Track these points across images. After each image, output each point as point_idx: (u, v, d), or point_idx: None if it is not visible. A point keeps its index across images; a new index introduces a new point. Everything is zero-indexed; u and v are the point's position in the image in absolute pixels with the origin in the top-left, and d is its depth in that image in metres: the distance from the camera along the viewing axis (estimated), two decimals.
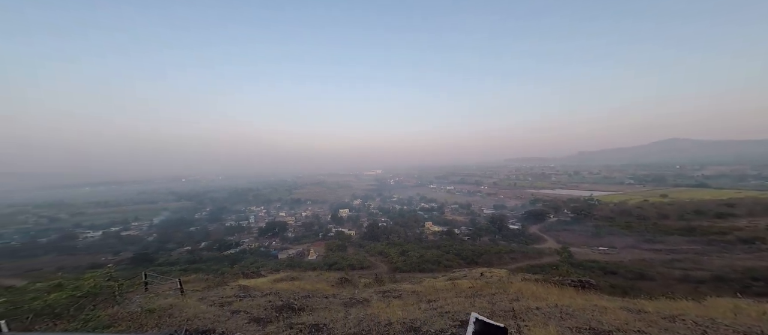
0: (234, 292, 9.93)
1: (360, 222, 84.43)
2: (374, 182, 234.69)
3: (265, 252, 54.27)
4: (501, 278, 12.26)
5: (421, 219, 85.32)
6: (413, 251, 44.13)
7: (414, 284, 12.60)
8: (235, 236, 69.37)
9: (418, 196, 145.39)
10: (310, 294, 9.67)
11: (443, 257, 40.39)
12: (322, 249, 53.17)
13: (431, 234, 68.92)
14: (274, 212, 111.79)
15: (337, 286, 13.31)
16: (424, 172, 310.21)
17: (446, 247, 46.85)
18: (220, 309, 7.05)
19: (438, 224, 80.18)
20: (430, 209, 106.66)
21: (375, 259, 43.18)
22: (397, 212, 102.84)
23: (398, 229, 69.89)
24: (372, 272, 31.13)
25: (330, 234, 69.56)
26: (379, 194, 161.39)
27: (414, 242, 54.76)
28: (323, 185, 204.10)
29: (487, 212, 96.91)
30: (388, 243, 54.31)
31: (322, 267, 26.36)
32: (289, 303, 7.56)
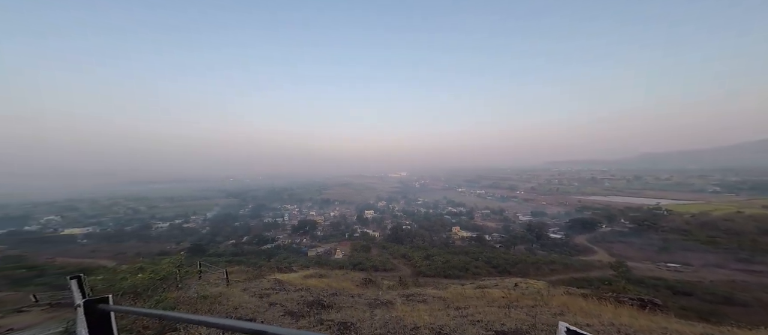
0: (270, 285, 10.73)
1: (384, 224, 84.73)
2: (398, 184, 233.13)
3: (296, 249, 57.17)
4: (539, 290, 11.30)
5: (447, 224, 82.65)
6: (438, 256, 42.75)
7: (439, 289, 12.36)
8: (271, 232, 74.37)
9: (444, 199, 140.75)
10: (337, 292, 10.09)
11: (471, 264, 38.49)
12: (348, 249, 54.36)
13: (459, 239, 66.33)
14: (306, 211, 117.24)
15: (361, 286, 13.61)
16: (451, 175, 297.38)
17: (475, 254, 44.67)
18: (259, 300, 7.70)
19: (466, 229, 76.89)
20: (458, 214, 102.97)
21: (398, 261, 42.90)
22: (422, 215, 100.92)
23: (423, 232, 68.50)
24: (395, 274, 31.05)
25: (355, 235, 70.96)
26: (403, 196, 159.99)
27: (439, 247, 53.04)
28: (350, 186, 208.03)
29: (523, 218, 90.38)
30: (412, 246, 53.39)
31: (348, 267, 27.08)
32: (319, 300, 7.99)
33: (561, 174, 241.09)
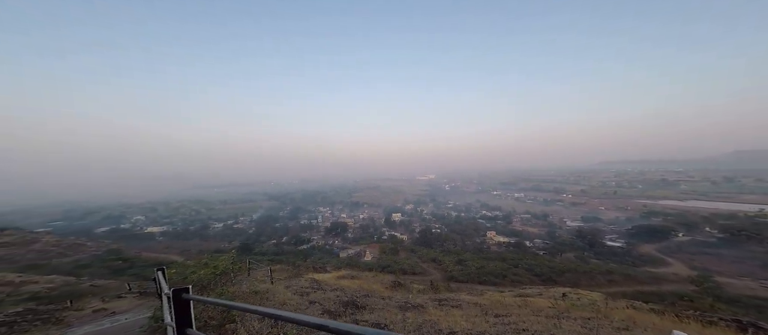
0: (308, 284, 11.31)
1: (412, 227, 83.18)
2: (427, 186, 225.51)
3: (328, 250, 58.97)
4: (595, 301, 10.35)
5: (481, 228, 78.34)
6: (472, 261, 40.46)
7: (474, 295, 11.82)
8: (307, 233, 78.21)
9: (478, 203, 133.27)
10: (369, 294, 10.26)
11: (510, 270, 35.79)
12: (377, 251, 54.62)
13: (494, 245, 62.45)
14: (337, 213, 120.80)
15: (390, 289, 13.60)
16: (484, 177, 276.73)
17: (514, 260, 41.47)
18: (300, 298, 8.18)
19: (503, 234, 71.73)
20: (494, 218, 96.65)
21: (427, 266, 41.77)
22: (453, 218, 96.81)
23: (454, 237, 65.77)
24: (424, 278, 30.28)
25: (383, 237, 70.77)
26: (432, 199, 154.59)
27: (472, 252, 50.19)
28: (378, 189, 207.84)
29: (571, 224, 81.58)
30: (443, 251, 51.40)
31: (377, 269, 27.19)
32: (353, 300, 8.22)
33: (620, 176, 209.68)
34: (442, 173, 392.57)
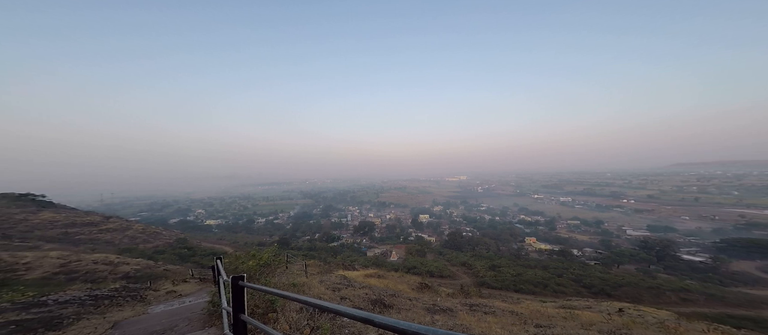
0: (339, 280, 11.60)
1: (441, 229, 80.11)
2: (458, 188, 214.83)
3: (357, 248, 59.73)
4: (663, 321, 8.99)
5: (519, 233, 72.15)
6: (507, 267, 37.69)
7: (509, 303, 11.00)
8: (337, 231, 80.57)
9: (516, 206, 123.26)
10: (395, 294, 10.15)
11: (552, 280, 32.55)
12: (403, 252, 53.96)
13: (534, 252, 57.40)
14: (365, 213, 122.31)
15: (417, 290, 13.30)
16: (524, 180, 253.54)
17: (557, 269, 37.77)
18: (333, 293, 8.42)
19: (545, 241, 65.44)
20: (534, 223, 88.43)
21: (457, 269, 39.92)
22: (486, 222, 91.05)
23: (487, 241, 61.47)
24: (453, 282, 29.01)
25: (410, 238, 69.54)
26: (463, 201, 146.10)
27: (508, 258, 46.67)
28: (404, 190, 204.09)
29: (633, 233, 70.99)
30: (474, 255, 48.65)
31: (403, 269, 26.83)
32: (381, 299, 8.21)
33: (702, 179, 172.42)
34: (474, 174, 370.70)
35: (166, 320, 4.58)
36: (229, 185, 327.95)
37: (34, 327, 4.11)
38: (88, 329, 4.19)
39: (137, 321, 4.64)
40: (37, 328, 4.06)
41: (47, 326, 4.20)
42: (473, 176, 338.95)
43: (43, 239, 22.58)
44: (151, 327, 4.24)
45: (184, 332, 3.90)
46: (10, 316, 4.62)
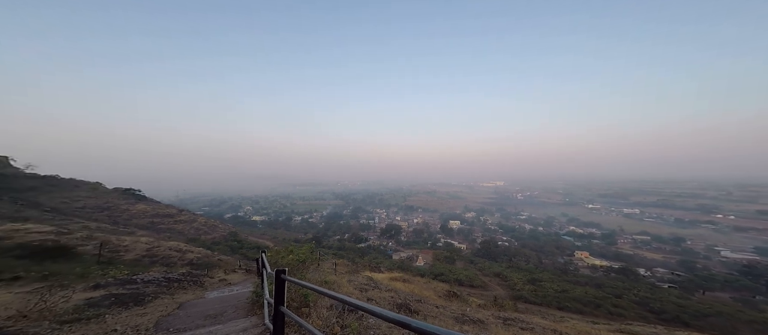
0: (365, 281, 11.68)
1: (473, 237, 75.72)
2: (493, 194, 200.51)
3: (383, 251, 59.58)
4: None
5: (567, 246, 64.66)
6: (550, 282, 33.80)
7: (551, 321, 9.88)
8: (365, 232, 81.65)
9: (563, 217, 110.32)
10: (421, 300, 9.85)
11: (607, 299, 28.00)
12: (430, 258, 52.16)
13: (586, 267, 50.84)
14: (392, 216, 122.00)
15: (444, 298, 12.71)
16: (574, 187, 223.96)
17: (616, 288, 32.62)
18: (360, 293, 8.52)
19: (601, 256, 57.51)
20: (587, 236, 78.21)
21: (489, 280, 37.11)
22: (526, 232, 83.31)
23: (526, 252, 56.13)
24: (485, 293, 26.98)
25: (438, 244, 66.97)
26: (499, 208, 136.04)
27: (552, 272, 42.14)
28: (434, 194, 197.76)
29: (731, 255, 59.26)
30: (510, 266, 44.74)
31: (429, 275, 25.84)
32: (406, 303, 8.03)
33: None
34: (512, 180, 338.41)
35: (218, 305, 5.17)
36: (272, 185, 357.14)
37: (126, 300, 5.03)
38: (161, 306, 4.97)
39: (196, 304, 5.33)
40: (128, 302, 4.96)
41: (135, 301, 5.10)
42: (512, 181, 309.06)
43: (136, 227, 27.40)
44: (206, 310, 4.83)
45: (232, 318, 4.35)
46: (112, 290, 5.73)
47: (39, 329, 3.40)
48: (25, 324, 3.51)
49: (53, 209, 24.41)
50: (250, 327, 3.83)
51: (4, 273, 7.07)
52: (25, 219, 16.46)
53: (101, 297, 5.03)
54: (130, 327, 3.69)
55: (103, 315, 4.16)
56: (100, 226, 20.47)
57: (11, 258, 9.29)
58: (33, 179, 32.09)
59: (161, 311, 4.63)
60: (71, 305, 4.42)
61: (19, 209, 20.04)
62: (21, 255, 9.83)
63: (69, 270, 8.31)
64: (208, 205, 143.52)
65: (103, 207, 30.80)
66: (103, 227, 20.48)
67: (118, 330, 3.53)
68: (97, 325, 3.73)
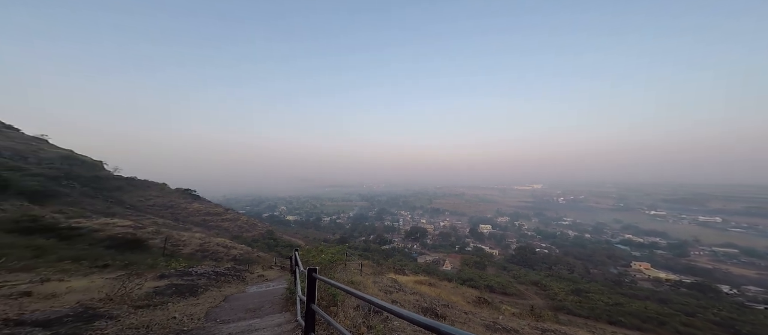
0: (390, 283, 11.60)
1: (506, 242, 71.15)
2: (530, 198, 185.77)
3: (407, 253, 58.77)
4: None
5: (622, 256, 58.01)
6: (598, 293, 30.36)
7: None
8: (389, 234, 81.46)
9: (617, 223, 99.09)
10: (449, 305, 9.44)
11: (674, 317, 24.28)
12: (458, 262, 49.95)
13: (646, 280, 44.88)
14: (417, 219, 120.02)
15: (474, 304, 12.01)
16: (629, 191, 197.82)
17: (687, 305, 28.28)
18: (385, 295, 8.49)
19: (667, 269, 50.56)
20: (648, 246, 69.09)
21: (525, 289, 34.31)
22: (570, 239, 76.26)
23: (570, 261, 51.28)
24: (520, 301, 24.92)
25: (467, 248, 63.95)
26: (537, 213, 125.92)
27: (601, 283, 37.94)
28: (462, 197, 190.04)
29: None
30: (550, 275, 41.13)
31: (457, 280, 24.69)
32: (432, 307, 7.76)
33: None
34: (552, 183, 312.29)
35: (257, 300, 5.59)
36: (303, 186, 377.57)
37: (184, 291, 5.73)
38: (210, 298, 5.55)
39: (238, 298, 5.84)
40: (185, 292, 5.66)
41: (190, 292, 5.79)
42: (551, 184, 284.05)
43: (192, 223, 31.24)
44: (247, 304, 5.25)
45: (268, 312, 4.65)
46: (173, 280, 6.59)
47: (120, 311, 4.06)
48: (110, 306, 4.22)
49: (132, 206, 29.19)
50: (284, 322, 4.04)
51: (97, 260, 8.63)
52: (112, 215, 19.97)
53: (165, 287, 5.83)
54: (186, 316, 4.18)
55: (166, 303, 4.80)
56: (165, 222, 23.88)
57: (102, 247, 11.31)
58: (118, 180, 38.43)
59: (210, 302, 5.18)
60: (143, 292, 5.19)
61: (108, 206, 24.43)
62: (109, 245, 11.91)
63: (142, 260, 9.80)
64: (249, 205, 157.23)
65: (167, 205, 35.86)
66: (167, 223, 23.84)
67: (176, 318, 4.03)
68: (161, 312, 4.31)
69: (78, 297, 4.64)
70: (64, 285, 5.35)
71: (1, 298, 4.23)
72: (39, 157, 29.80)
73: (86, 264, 7.88)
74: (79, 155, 37.94)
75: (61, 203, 18.95)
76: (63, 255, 8.55)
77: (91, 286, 5.38)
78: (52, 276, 5.96)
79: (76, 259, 8.28)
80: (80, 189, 26.61)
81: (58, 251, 8.95)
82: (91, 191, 27.95)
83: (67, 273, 6.56)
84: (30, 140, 34.98)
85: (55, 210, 16.10)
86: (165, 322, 3.79)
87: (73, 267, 7.30)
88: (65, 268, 7.06)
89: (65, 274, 6.44)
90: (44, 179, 22.69)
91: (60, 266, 7.23)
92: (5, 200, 14.93)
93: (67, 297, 4.63)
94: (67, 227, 12.36)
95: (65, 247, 9.85)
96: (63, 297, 4.63)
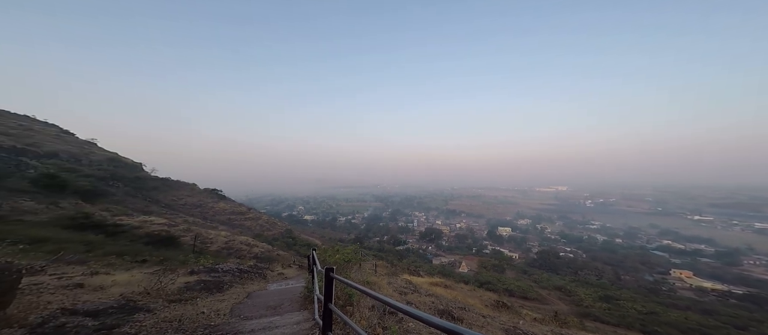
0: (404, 284, 11.44)
1: (527, 246, 68.25)
2: (554, 200, 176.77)
3: (422, 255, 57.93)
4: None
5: (660, 263, 53.68)
6: (631, 301, 28.45)
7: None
8: (403, 235, 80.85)
9: (654, 228, 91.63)
10: (465, 308, 9.14)
11: (721, 330, 22.08)
12: (475, 265, 48.38)
13: (689, 289, 41.27)
14: (432, 220, 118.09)
15: (492, 308, 11.52)
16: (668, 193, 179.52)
17: (737, 318, 25.69)
18: (400, 296, 8.38)
19: (714, 278, 46.20)
20: (691, 253, 63.46)
21: (548, 294, 32.52)
22: (598, 243, 71.85)
23: (598, 266, 48.19)
24: (542, 306, 23.64)
25: (485, 251, 61.95)
26: (561, 216, 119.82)
27: (634, 290, 35.40)
28: (480, 199, 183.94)
29: None
30: (576, 280, 39.02)
31: (474, 283, 23.90)
32: (449, 310, 7.53)
33: None
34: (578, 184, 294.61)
35: (277, 297, 5.77)
36: (320, 187, 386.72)
37: (211, 287, 6.08)
38: (235, 295, 5.83)
39: (260, 295, 6.07)
40: (212, 288, 5.99)
41: (217, 288, 6.12)
42: (578, 186, 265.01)
43: (218, 222, 33.19)
44: (268, 301, 5.44)
45: (288, 310, 4.77)
46: (202, 276, 7.03)
47: (156, 305, 4.38)
48: (148, 300, 4.57)
49: (166, 205, 31.68)
50: (303, 320, 4.11)
51: (137, 255, 9.44)
52: (149, 213, 21.81)
53: (195, 283, 6.22)
54: (213, 311, 4.42)
55: (196, 299, 5.11)
56: (195, 220, 25.63)
57: (141, 244, 12.35)
58: (155, 180, 41.77)
59: (235, 299, 5.43)
60: (176, 287, 5.57)
61: (146, 205, 26.72)
62: (147, 241, 12.99)
63: (175, 256, 10.56)
64: (269, 204, 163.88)
65: (197, 205, 38.45)
66: (196, 221, 25.57)
67: (204, 313, 4.27)
68: (191, 306, 4.59)
69: (121, 290, 5.09)
70: (110, 278, 5.91)
71: (59, 288, 4.75)
72: (90, 159, 33.33)
73: (128, 259, 8.66)
74: (122, 157, 41.88)
75: (108, 202, 21.04)
76: (109, 250, 9.47)
77: (132, 280, 5.89)
78: (100, 270, 6.61)
79: (119, 254, 9.13)
80: (124, 189, 29.38)
81: (105, 246, 9.92)
82: (132, 190, 30.74)
83: (112, 267, 7.24)
84: (83, 144, 39.25)
85: (103, 208, 17.92)
86: (195, 317, 4.02)
87: (117, 262, 8.06)
88: (111, 262, 7.81)
89: (111, 268, 7.11)
90: (94, 180, 25.31)
91: (106, 260, 8.00)
92: (63, 198, 16.85)
93: (112, 289, 5.10)
94: (112, 224, 13.70)
95: (111, 242, 10.91)
96: (109, 289, 5.10)
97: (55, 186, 17.45)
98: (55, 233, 9.90)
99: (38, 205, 13.89)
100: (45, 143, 30.13)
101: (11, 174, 17.85)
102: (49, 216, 12.66)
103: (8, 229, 8.86)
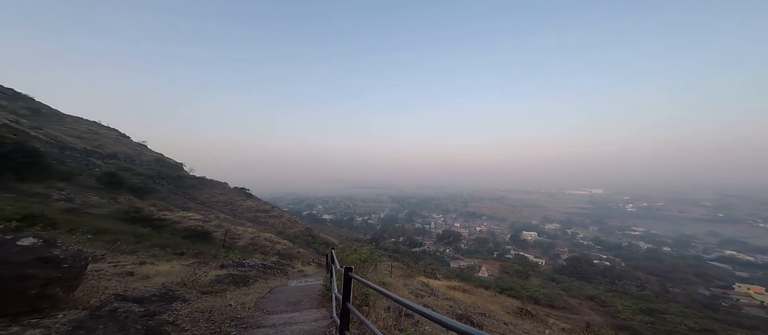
0: (420, 286, 11.23)
1: (555, 251, 64.10)
2: (587, 204, 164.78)
3: (439, 257, 56.61)
4: None
5: (720, 275, 48.64)
6: (679, 315, 25.81)
7: None
8: (420, 237, 79.63)
9: (713, 237, 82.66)
10: (486, 314, 8.73)
11: None
12: (496, 270, 46.14)
13: (756, 306, 36.86)
14: (450, 222, 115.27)
15: (515, 315, 10.89)
16: (734, 197, 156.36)
17: None
18: (416, 298, 8.26)
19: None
20: (761, 266, 56.79)
21: (578, 303, 30.04)
22: (641, 251, 65.99)
23: (641, 276, 44.11)
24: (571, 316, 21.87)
25: (507, 256, 59.12)
26: (596, 221, 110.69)
27: (684, 304, 32.08)
28: (502, 201, 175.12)
29: None
30: (612, 290, 35.96)
31: (495, 289, 22.76)
32: (468, 315, 7.25)
33: None
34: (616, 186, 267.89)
35: (297, 294, 5.99)
36: (338, 187, 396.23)
37: (238, 281, 6.49)
38: (259, 289, 6.16)
39: (281, 290, 6.34)
40: (239, 282, 6.40)
41: (244, 281, 6.53)
42: (615, 188, 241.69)
43: (245, 219, 35.41)
44: (288, 297, 5.66)
45: (307, 307, 4.92)
46: (231, 270, 7.54)
47: (190, 296, 4.79)
48: (184, 290, 5.01)
49: (201, 202, 34.60)
50: (321, 318, 4.21)
51: (177, 248, 10.41)
52: (187, 209, 23.98)
53: (224, 276, 6.69)
54: (239, 304, 4.71)
55: (225, 291, 5.50)
56: (225, 217, 27.66)
57: (180, 237, 13.60)
58: (193, 179, 45.71)
59: (259, 293, 5.74)
60: (208, 279, 6.04)
61: (185, 202, 29.42)
62: (185, 235, 14.27)
63: (207, 250, 11.46)
64: (291, 203, 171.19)
65: (227, 202, 41.45)
66: (226, 218, 27.58)
67: (232, 305, 4.57)
68: (220, 298, 4.94)
69: (162, 280, 5.64)
70: (154, 269, 6.58)
71: (115, 276, 5.39)
72: (141, 159, 37.59)
73: (169, 251, 9.58)
74: (167, 157, 46.55)
75: (154, 198, 23.54)
76: (154, 242, 10.57)
77: (171, 270, 6.50)
78: (146, 260, 7.39)
79: (162, 246, 10.14)
80: (167, 186, 32.69)
81: (151, 238, 11.10)
82: (174, 188, 34.09)
83: (156, 258, 8.06)
84: (136, 146, 44.33)
85: (150, 204, 20.07)
86: (223, 308, 4.31)
87: (160, 253, 8.96)
88: (155, 254, 8.70)
89: (155, 259, 7.92)
90: (144, 178, 28.50)
91: (152, 251, 8.94)
92: (120, 194, 19.15)
93: (155, 279, 5.67)
94: (157, 219, 15.30)
95: (156, 235, 12.17)
96: (153, 278, 5.69)
97: (114, 183, 19.92)
98: (113, 225, 11.29)
99: (101, 200, 15.96)
100: (108, 145, 34.59)
101: (82, 172, 20.68)
102: (109, 210, 14.49)
103: (80, 220, 10.28)
